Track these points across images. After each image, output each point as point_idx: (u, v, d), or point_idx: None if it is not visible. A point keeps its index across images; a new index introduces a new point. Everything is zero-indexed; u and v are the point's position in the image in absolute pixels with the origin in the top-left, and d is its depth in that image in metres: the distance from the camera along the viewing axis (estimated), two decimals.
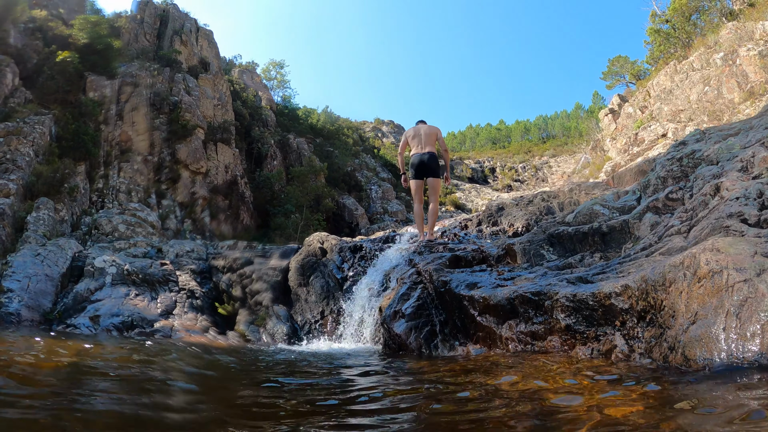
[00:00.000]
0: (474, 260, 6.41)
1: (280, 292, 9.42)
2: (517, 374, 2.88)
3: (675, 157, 6.64)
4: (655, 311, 3.02)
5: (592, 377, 2.58)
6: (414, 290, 5.45)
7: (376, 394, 2.81)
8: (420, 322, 4.90)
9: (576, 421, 1.76)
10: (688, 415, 1.73)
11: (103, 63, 20.45)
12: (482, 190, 46.81)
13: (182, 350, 5.67)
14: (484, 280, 4.79)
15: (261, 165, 30.32)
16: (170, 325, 8.48)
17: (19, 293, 8.55)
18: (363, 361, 4.43)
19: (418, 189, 7.81)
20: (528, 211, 9.50)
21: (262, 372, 4.23)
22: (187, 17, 32.47)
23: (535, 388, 2.47)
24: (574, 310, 3.47)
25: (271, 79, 45.52)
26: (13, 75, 17.13)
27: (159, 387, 2.88)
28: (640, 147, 21.38)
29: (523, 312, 3.88)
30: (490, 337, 4.10)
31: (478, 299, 4.30)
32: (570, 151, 53.84)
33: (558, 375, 2.73)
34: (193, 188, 21.45)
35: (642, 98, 25.31)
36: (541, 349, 3.59)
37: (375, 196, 34.95)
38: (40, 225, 11.70)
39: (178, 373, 3.74)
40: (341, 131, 43.75)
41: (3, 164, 12.87)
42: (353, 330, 6.97)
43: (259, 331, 8.52)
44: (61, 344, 5.11)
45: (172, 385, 3.06)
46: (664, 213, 5.48)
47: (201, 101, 26.03)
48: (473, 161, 57.90)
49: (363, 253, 9.05)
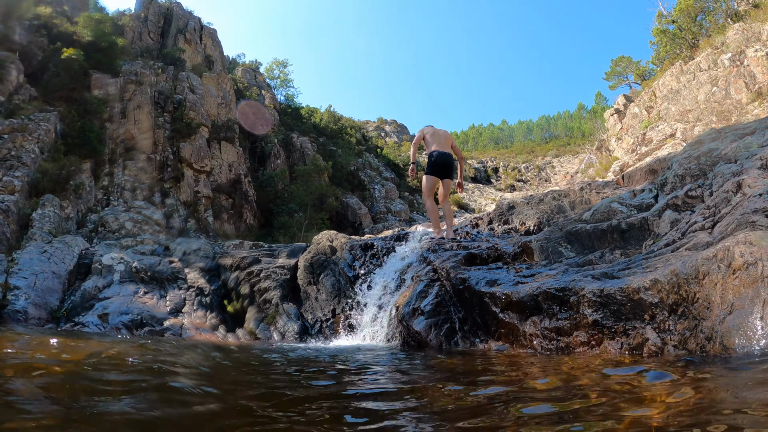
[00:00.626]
0: (489, 258, 6.36)
1: (289, 290, 9.37)
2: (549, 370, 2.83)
3: (692, 156, 6.59)
4: (687, 304, 2.99)
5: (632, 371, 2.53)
6: (431, 287, 5.40)
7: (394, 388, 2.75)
8: (439, 319, 4.85)
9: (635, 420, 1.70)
10: (734, 400, 1.71)
11: (107, 61, 20.45)
12: (485, 190, 46.74)
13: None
14: (503, 277, 4.75)
15: (264, 164, 30.30)
16: (180, 323, 8.43)
17: (25, 291, 8.48)
18: (387, 358, 4.37)
19: (435, 186, 7.73)
20: (539, 209, 9.42)
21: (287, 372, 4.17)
22: (191, 16, 32.44)
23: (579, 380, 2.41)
24: (601, 305, 3.42)
25: (275, 78, 45.47)
26: (18, 72, 17.09)
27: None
28: (648, 147, 21.36)
29: (548, 308, 3.82)
30: (512, 334, 4.05)
31: (500, 296, 4.25)
32: (573, 152, 53.82)
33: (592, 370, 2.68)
34: (197, 187, 21.40)
35: (648, 98, 25.30)
36: (566, 344, 3.55)
37: (378, 196, 34.94)
38: (45, 222, 11.65)
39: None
40: (344, 130, 43.72)
41: (8, 161, 12.82)
42: (368, 328, 6.91)
43: (269, 329, 8.46)
44: (77, 343, 5.04)
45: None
46: (683, 210, 5.43)
47: (205, 100, 25.98)
48: (476, 161, 57.81)
49: (374, 251, 8.97)
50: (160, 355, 4.09)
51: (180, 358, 4.09)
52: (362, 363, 4.16)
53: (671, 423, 1.52)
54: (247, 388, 2.89)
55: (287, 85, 45.74)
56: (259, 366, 4.22)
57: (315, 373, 3.67)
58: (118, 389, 2.42)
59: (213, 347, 5.93)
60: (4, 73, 16.32)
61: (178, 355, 4.40)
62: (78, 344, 4.79)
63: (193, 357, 4.41)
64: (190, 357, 4.35)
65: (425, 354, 4.34)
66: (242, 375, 3.61)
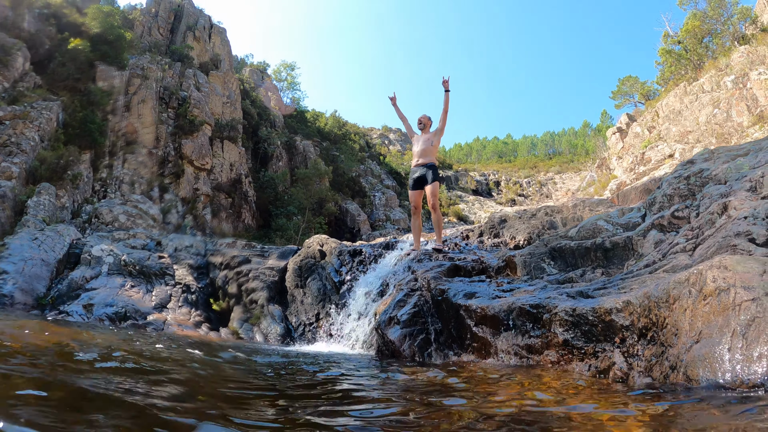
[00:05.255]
0: (474, 270, 6.31)
1: (276, 292, 9.32)
2: (512, 386, 2.78)
3: (682, 176, 6.53)
4: (657, 329, 2.92)
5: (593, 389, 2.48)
6: (411, 297, 5.33)
7: (361, 394, 2.71)
8: (415, 329, 4.78)
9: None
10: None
11: (113, 53, 20.48)
12: (486, 202, 46.71)
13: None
14: (482, 290, 4.70)
15: (266, 165, 30.30)
16: (163, 318, 8.38)
17: (14, 276, 8.46)
18: (353, 366, 4.31)
19: (416, 201, 7.64)
20: (531, 224, 9.37)
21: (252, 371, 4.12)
22: (201, 13, 32.57)
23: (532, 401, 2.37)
24: (573, 325, 3.36)
25: (282, 80, 45.59)
26: (24, 59, 17.11)
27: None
28: (646, 166, 21.31)
29: (521, 324, 3.77)
30: (485, 348, 3.99)
31: (475, 309, 4.20)
32: (576, 169, 53.79)
33: (553, 388, 2.63)
34: (197, 184, 21.41)
35: (650, 118, 25.29)
36: (536, 363, 3.49)
37: (378, 203, 34.91)
38: (40, 210, 11.64)
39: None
40: (348, 136, 43.80)
41: (7, 147, 12.83)
42: (347, 334, 6.86)
43: (253, 330, 8.41)
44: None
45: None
46: (669, 231, 5.37)
47: (210, 98, 26.05)
48: (478, 173, 57.80)
49: (362, 258, 8.94)
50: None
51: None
52: (324, 368, 4.12)
53: None
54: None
55: (294, 87, 45.86)
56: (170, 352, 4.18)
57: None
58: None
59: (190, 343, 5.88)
60: (9, 59, 16.34)
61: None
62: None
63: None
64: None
65: (396, 363, 4.29)
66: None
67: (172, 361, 3.83)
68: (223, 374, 3.46)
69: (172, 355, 4.22)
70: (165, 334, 7.51)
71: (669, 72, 27.57)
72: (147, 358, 3.79)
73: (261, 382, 3.16)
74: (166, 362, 3.70)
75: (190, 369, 3.49)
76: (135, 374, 2.84)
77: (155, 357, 3.94)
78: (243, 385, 2.98)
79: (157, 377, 2.82)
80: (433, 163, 7.43)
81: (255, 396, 2.53)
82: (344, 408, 2.31)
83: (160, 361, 3.70)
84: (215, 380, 3.14)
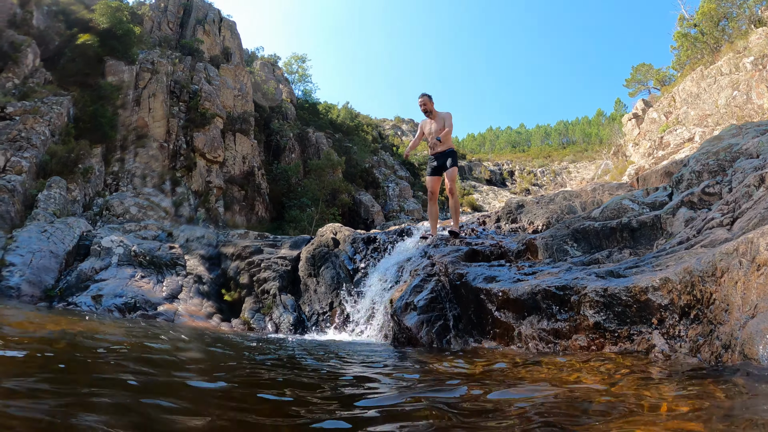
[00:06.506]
0: (492, 255, 6.06)
1: (289, 281, 9.14)
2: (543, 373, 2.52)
3: (711, 151, 6.23)
4: (702, 306, 2.65)
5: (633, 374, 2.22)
6: (428, 282, 5.11)
7: (375, 387, 2.46)
8: (432, 315, 4.57)
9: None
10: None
11: (122, 48, 20.49)
12: (500, 192, 46.36)
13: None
14: (503, 274, 4.47)
15: (279, 157, 30.18)
16: (174, 309, 8.23)
17: (20, 268, 8.38)
18: (366, 356, 4.07)
19: (434, 186, 7.28)
20: (549, 209, 9.11)
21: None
22: (211, 7, 32.44)
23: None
24: (604, 306, 3.11)
25: (293, 72, 45.35)
26: (34, 55, 17.13)
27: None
28: (665, 150, 20.87)
29: (546, 307, 3.52)
30: (507, 334, 3.75)
31: (496, 293, 3.96)
32: (590, 158, 53.19)
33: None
34: (209, 177, 21.35)
35: (667, 103, 24.86)
36: (564, 348, 3.24)
37: (392, 194, 34.67)
38: (50, 203, 11.57)
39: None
40: (361, 127, 43.53)
41: (17, 142, 12.77)
42: (362, 323, 6.65)
43: (265, 320, 8.24)
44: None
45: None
46: (699, 208, 5.09)
47: (221, 91, 25.94)
48: (492, 163, 57.39)
49: (376, 245, 8.71)
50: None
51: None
52: (339, 359, 3.89)
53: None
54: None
55: (305, 80, 45.63)
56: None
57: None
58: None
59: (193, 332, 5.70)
60: (20, 56, 16.38)
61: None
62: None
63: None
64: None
65: (414, 351, 4.05)
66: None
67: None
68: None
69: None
70: (176, 324, 7.37)
71: (685, 56, 27.14)
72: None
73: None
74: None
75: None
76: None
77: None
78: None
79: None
80: (451, 149, 7.11)
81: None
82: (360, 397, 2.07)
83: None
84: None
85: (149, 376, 2.29)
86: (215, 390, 2.10)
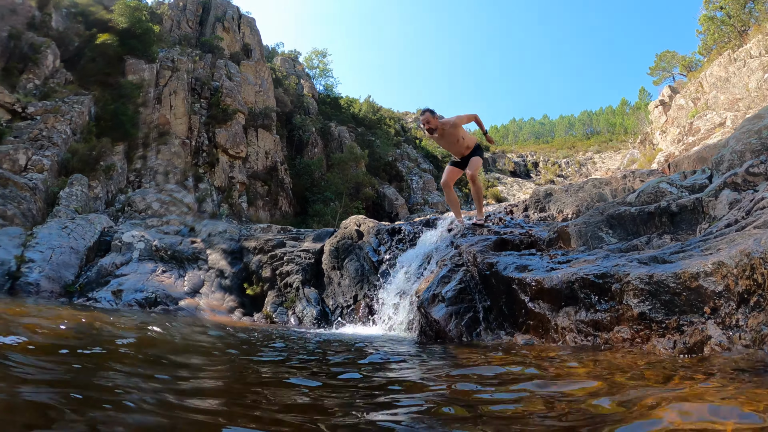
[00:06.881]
0: (522, 244, 5.74)
1: (312, 275, 8.94)
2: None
3: (752, 130, 5.83)
4: (763, 291, 2.38)
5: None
6: (456, 273, 4.84)
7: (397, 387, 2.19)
8: (461, 307, 4.32)
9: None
10: None
11: (142, 47, 20.61)
12: (524, 184, 45.77)
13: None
14: (534, 263, 4.17)
15: (302, 152, 30.12)
16: (196, 303, 8.08)
17: (40, 264, 8.32)
18: (391, 350, 3.79)
19: (452, 175, 6.74)
20: (578, 197, 8.78)
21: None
22: (229, 4, 32.52)
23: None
24: (650, 295, 2.81)
25: (314, 67, 45.32)
26: (54, 57, 17.29)
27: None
28: (695, 136, 20.30)
29: (584, 297, 3.23)
30: (542, 326, 3.48)
31: (529, 283, 3.66)
32: (615, 148, 52.32)
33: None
34: (232, 173, 21.34)
35: (694, 89, 24.28)
36: (605, 341, 2.96)
37: (416, 187, 34.40)
38: (72, 200, 11.55)
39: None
40: (383, 121, 43.21)
41: (38, 141, 12.80)
42: (387, 315, 6.39)
43: (287, 314, 8.04)
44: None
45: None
46: (744, 189, 4.74)
47: (242, 87, 25.94)
48: (516, 155, 56.70)
49: (401, 236, 8.46)
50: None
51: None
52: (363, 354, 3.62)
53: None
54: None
55: (326, 74, 45.55)
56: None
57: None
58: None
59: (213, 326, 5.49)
60: (40, 57, 16.57)
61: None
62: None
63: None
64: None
65: (442, 345, 3.76)
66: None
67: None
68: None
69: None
70: (197, 319, 7.20)
71: (712, 40, 26.47)
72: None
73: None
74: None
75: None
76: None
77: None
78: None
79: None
80: (476, 144, 6.64)
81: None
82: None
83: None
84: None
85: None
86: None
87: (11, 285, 7.82)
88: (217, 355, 3.17)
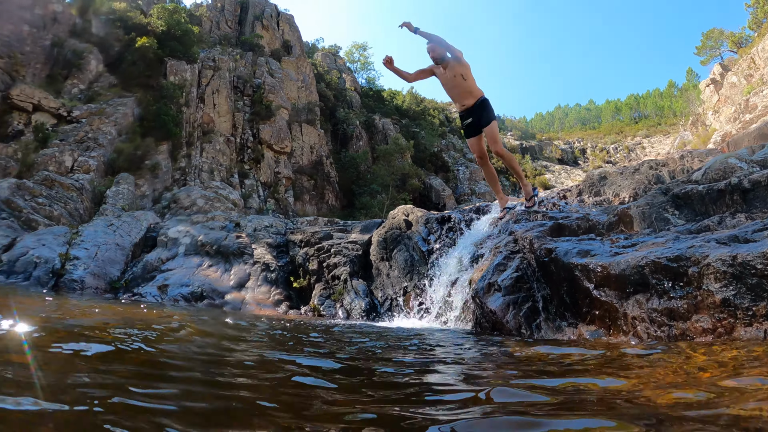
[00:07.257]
0: (579, 229, 5.28)
1: (360, 266, 8.60)
2: None
3: None
4: None
5: None
6: (511, 260, 4.51)
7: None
8: (519, 296, 4.02)
9: None
10: None
11: (182, 49, 20.88)
12: (572, 171, 44.76)
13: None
14: (597, 248, 3.80)
15: (346, 146, 30.02)
16: (242, 297, 7.85)
17: (85, 261, 8.25)
18: (450, 342, 3.40)
19: (479, 147, 6.17)
20: (635, 180, 8.23)
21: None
22: (267, 3, 32.66)
23: None
24: (733, 278, 2.52)
25: (355, 61, 45.25)
26: (97, 62, 17.70)
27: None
28: (752, 113, 19.15)
29: (656, 283, 2.94)
30: (609, 317, 3.21)
31: (594, 269, 3.31)
32: (664, 131, 50.52)
33: None
34: (277, 168, 21.34)
35: (747, 66, 23.00)
36: (681, 332, 2.66)
37: (462, 177, 33.87)
38: (119, 199, 11.63)
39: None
40: (427, 112, 42.75)
41: (84, 143, 12.98)
42: (439, 307, 5.97)
43: (335, 306, 7.73)
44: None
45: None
46: None
47: (284, 83, 25.94)
48: (563, 142, 55.53)
49: (451, 225, 7.99)
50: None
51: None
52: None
53: None
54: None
55: (368, 67, 45.39)
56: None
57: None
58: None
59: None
60: (83, 63, 17.05)
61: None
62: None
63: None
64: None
65: (500, 338, 3.33)
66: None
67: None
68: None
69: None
70: (243, 313, 6.97)
71: (762, 13, 25.02)
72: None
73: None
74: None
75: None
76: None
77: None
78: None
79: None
80: (483, 97, 5.98)
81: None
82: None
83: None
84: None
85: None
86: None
87: (55, 282, 7.76)
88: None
